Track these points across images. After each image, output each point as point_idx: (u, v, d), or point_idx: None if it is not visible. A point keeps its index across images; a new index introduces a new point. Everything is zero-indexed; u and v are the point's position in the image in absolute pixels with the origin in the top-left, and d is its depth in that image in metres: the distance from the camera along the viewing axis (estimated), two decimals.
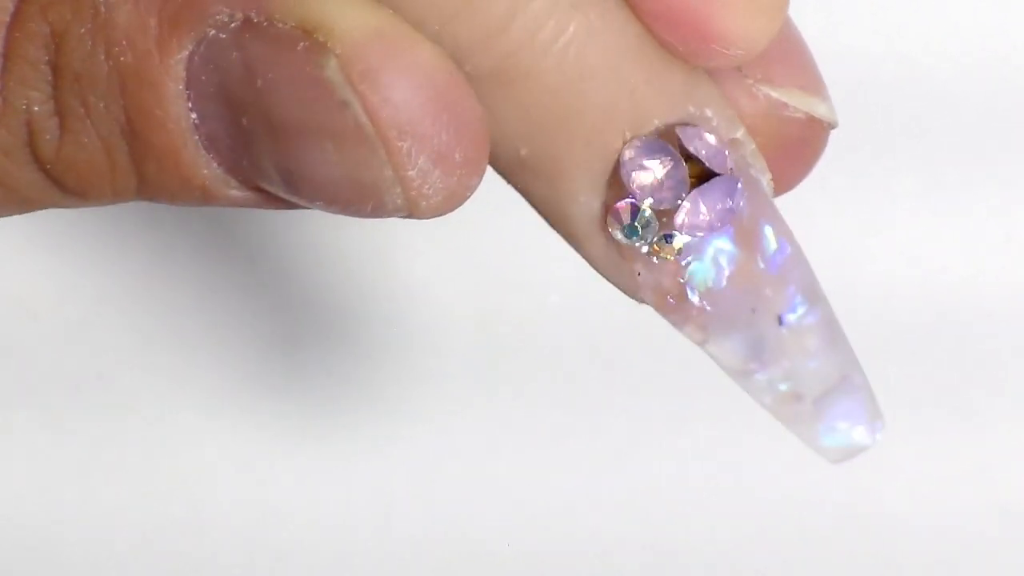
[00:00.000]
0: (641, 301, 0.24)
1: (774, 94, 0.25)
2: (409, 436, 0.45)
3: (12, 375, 0.45)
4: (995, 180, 0.44)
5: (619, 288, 0.24)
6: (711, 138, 0.23)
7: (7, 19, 0.23)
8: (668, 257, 0.23)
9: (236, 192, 0.23)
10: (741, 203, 0.23)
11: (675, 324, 0.24)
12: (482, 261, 0.44)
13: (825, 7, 0.43)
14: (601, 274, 0.24)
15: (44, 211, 0.25)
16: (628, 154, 0.23)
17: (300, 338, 0.45)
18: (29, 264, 0.44)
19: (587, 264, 0.24)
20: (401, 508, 0.46)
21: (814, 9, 0.43)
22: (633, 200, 0.23)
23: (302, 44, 0.21)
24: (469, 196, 0.22)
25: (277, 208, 0.23)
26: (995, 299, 0.45)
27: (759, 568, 0.45)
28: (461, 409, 0.45)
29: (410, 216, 0.22)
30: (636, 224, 0.23)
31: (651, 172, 0.23)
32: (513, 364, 0.45)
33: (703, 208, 0.23)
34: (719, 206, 0.23)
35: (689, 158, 0.23)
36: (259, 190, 0.23)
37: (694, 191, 0.23)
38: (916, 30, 0.43)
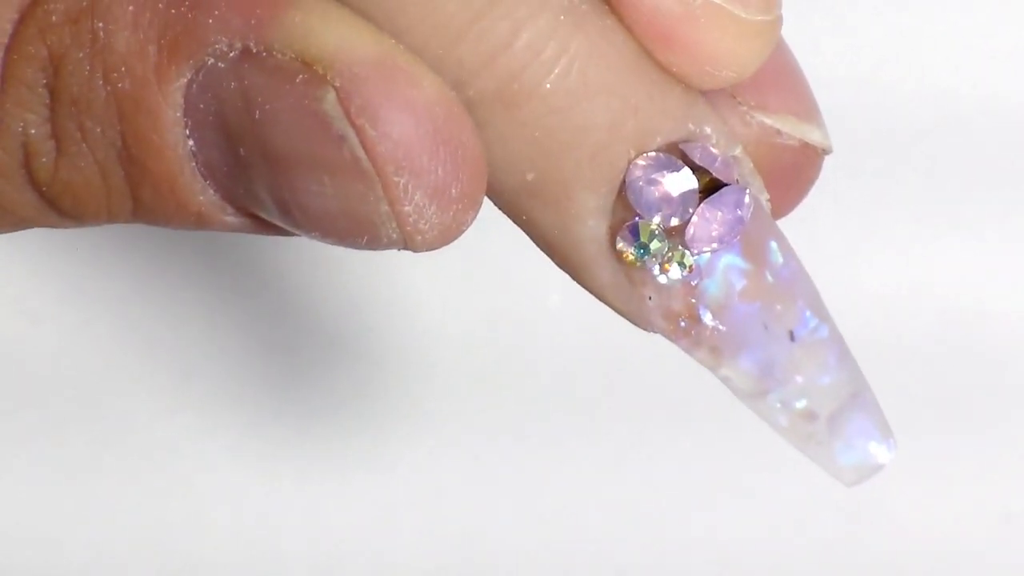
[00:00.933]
0: (650, 329, 0.24)
1: (768, 121, 0.25)
2: (410, 436, 0.45)
3: (12, 378, 0.45)
4: (997, 189, 0.44)
5: (627, 317, 0.24)
6: (716, 150, 0.23)
7: (6, 41, 0.23)
8: (679, 276, 0.23)
9: (232, 218, 0.23)
10: (749, 214, 0.23)
11: (687, 349, 0.24)
12: (482, 262, 0.44)
13: (828, 15, 0.43)
14: (609, 304, 0.24)
15: None
16: (635, 171, 0.23)
17: (301, 337, 0.45)
18: (29, 268, 0.44)
19: (594, 297, 0.24)
20: (402, 509, 0.45)
21: (816, 16, 0.42)
22: (643, 218, 0.23)
23: (301, 76, 0.21)
24: (465, 231, 0.22)
25: (272, 234, 0.23)
26: (995, 302, 0.44)
27: (761, 571, 0.45)
28: (462, 411, 0.45)
29: (405, 249, 0.22)
30: (647, 242, 0.23)
31: (661, 186, 0.23)
32: (514, 365, 0.45)
33: (714, 218, 0.23)
34: (729, 215, 0.23)
35: (695, 172, 0.23)
36: (255, 217, 0.23)
37: (703, 203, 0.23)
38: (918, 35, 0.43)
